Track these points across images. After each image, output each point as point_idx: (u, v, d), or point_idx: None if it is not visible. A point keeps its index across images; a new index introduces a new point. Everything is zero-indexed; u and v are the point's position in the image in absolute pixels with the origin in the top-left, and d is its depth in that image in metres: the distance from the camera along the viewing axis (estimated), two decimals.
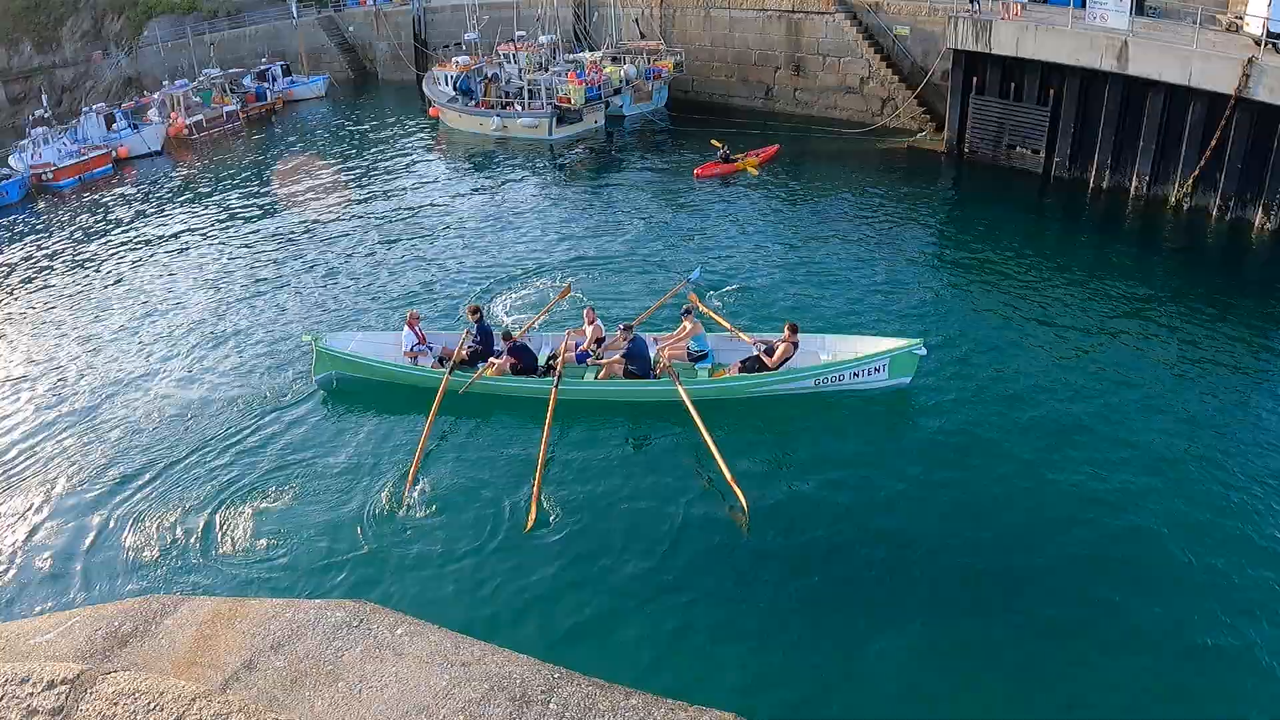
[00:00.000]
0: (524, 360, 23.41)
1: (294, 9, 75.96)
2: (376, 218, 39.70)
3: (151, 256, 37.37)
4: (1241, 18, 39.10)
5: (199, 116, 61.70)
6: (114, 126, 57.23)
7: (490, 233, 36.87)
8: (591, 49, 58.70)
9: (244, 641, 6.89)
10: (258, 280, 33.41)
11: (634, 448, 21.61)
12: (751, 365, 22.80)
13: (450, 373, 22.99)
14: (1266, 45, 35.04)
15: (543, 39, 56.90)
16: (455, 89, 55.90)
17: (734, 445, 20.12)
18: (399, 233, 37.48)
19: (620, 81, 54.35)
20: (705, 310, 25.95)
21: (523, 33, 59.52)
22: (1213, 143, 34.84)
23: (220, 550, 18.45)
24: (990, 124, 42.61)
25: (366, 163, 49.76)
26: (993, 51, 40.62)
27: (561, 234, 36.30)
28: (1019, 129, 41.65)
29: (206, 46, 74.16)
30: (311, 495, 20.03)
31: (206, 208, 43.76)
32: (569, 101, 51.49)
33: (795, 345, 22.56)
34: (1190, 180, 36.01)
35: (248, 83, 68.97)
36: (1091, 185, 39.39)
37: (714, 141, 45.00)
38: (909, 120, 48.76)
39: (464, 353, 23.82)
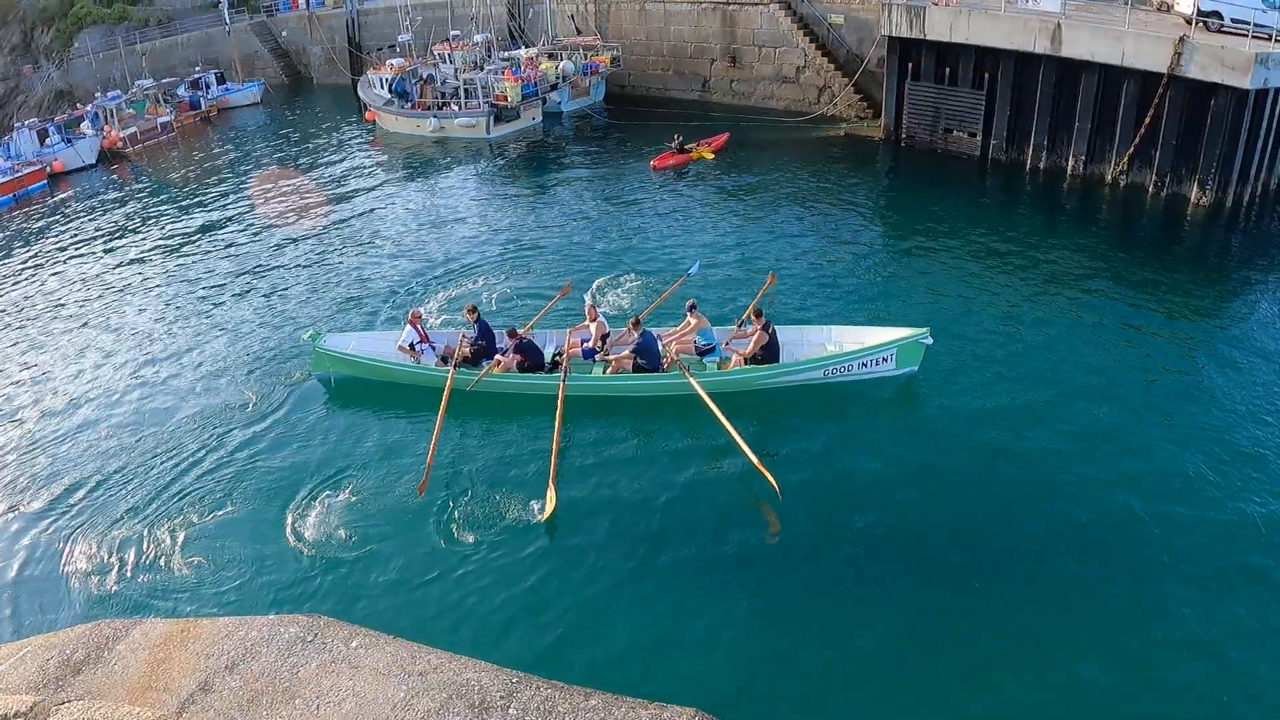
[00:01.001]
0: (531, 357, 23.09)
1: (226, 15, 74.85)
2: (319, 224, 39.07)
3: (95, 272, 36.43)
4: None
5: (133, 128, 60.53)
6: (47, 141, 55.89)
7: (440, 234, 36.42)
8: (527, 46, 58.43)
9: (198, 663, 6.85)
10: (205, 291, 32.70)
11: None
12: (758, 358, 22.55)
13: (455, 370, 22.62)
14: (1197, 24, 35.56)
15: (477, 38, 56.57)
16: (391, 91, 55.35)
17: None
18: (345, 238, 36.91)
19: (557, 77, 54.14)
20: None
21: (457, 32, 59.14)
22: (1147, 120, 35.30)
23: (170, 568, 18.00)
24: (926, 109, 42.85)
25: (306, 169, 49.00)
26: (927, 37, 40.88)
27: (519, 232, 35.93)
28: (955, 113, 41.90)
29: (138, 56, 72.92)
30: (261, 506, 19.62)
31: (147, 220, 42.85)
32: (506, 99, 51.15)
33: (767, 330, 22.36)
34: (1126, 158, 36.47)
35: (181, 92, 67.77)
36: (1029, 166, 39.79)
37: (668, 143, 44.73)
38: (846, 108, 48.91)
39: (466, 351, 23.44)
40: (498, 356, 23.12)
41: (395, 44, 62.67)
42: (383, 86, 56.20)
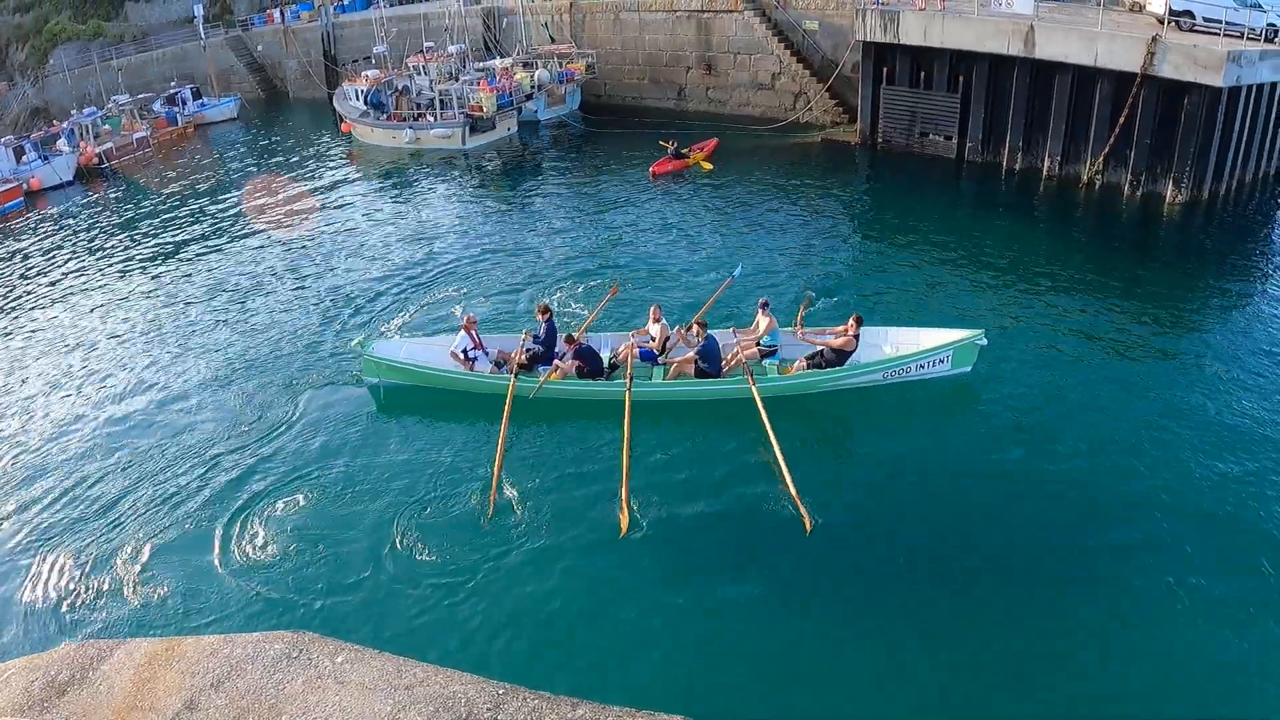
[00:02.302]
0: (590, 363, 22.54)
1: (202, 30, 74.32)
2: (299, 237, 38.52)
3: (75, 290, 35.70)
4: None
5: (109, 144, 59.98)
6: (24, 158, 55.30)
7: (421, 245, 35.84)
8: (502, 56, 58.25)
9: (183, 681, 6.90)
10: (188, 305, 32.09)
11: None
12: (819, 361, 22.26)
13: (515, 377, 21.98)
14: (1169, 23, 35.70)
15: (452, 48, 56.39)
16: (366, 103, 55.07)
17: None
18: (326, 250, 36.34)
19: (532, 87, 53.93)
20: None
21: (431, 43, 58.98)
22: (1121, 120, 35.30)
23: (154, 586, 17.54)
24: (902, 113, 42.76)
25: (283, 183, 48.43)
26: (901, 42, 40.84)
27: (501, 241, 35.45)
28: (931, 116, 41.84)
29: (114, 72, 72.39)
30: (246, 521, 19.12)
31: (126, 237, 42.18)
32: (481, 110, 50.88)
33: (856, 339, 22.06)
34: (1101, 158, 36.49)
35: (157, 108, 67.20)
36: (1005, 168, 39.76)
37: (662, 142, 44.60)
38: (822, 114, 48.73)
39: (523, 357, 22.84)
40: (555, 363, 22.48)
41: (370, 56, 62.45)
42: (358, 98, 55.94)
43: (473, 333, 23.61)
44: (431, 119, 51.81)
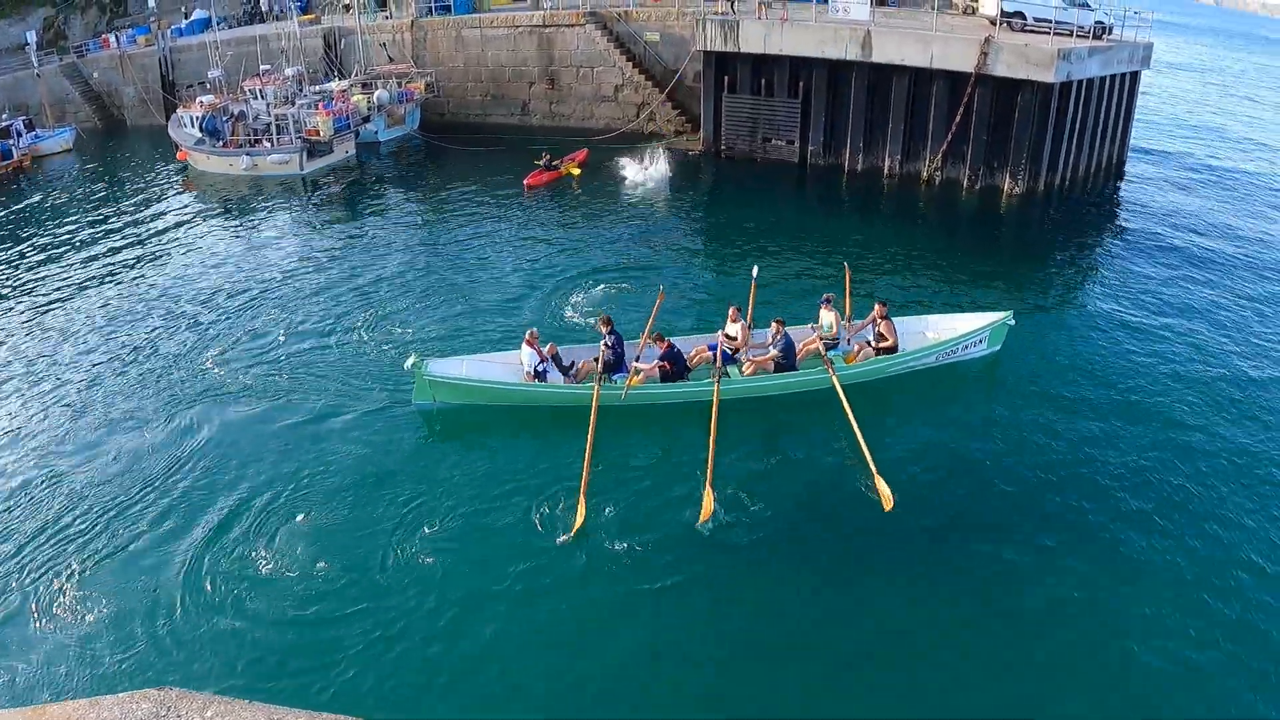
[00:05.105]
0: (676, 364, 22.16)
1: (34, 57, 71.00)
2: (134, 275, 35.73)
3: None
4: (976, 0, 40.48)
5: None
6: None
7: (260, 277, 33.55)
8: (341, 78, 56.64)
9: None
10: (39, 349, 29.31)
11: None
12: (878, 348, 23.06)
13: (599, 385, 21.23)
14: (1001, 24, 36.66)
15: (289, 71, 54.43)
16: (201, 130, 52.47)
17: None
18: (158, 291, 33.55)
19: (369, 109, 52.37)
20: None
21: (268, 66, 56.94)
22: (957, 118, 35.99)
23: (9, 653, 15.84)
24: (745, 120, 42.59)
25: (118, 218, 45.08)
26: (742, 50, 40.66)
27: (343, 268, 33.55)
28: (773, 122, 41.82)
29: None
30: (101, 576, 17.46)
31: None
32: (318, 134, 49.04)
33: (890, 320, 23.09)
34: (940, 155, 37.30)
35: None
36: (847, 169, 40.17)
37: (545, 153, 43.87)
38: (665, 123, 48.31)
39: (595, 366, 22.18)
40: (635, 365, 21.86)
41: (206, 80, 60.42)
42: (193, 125, 53.24)
43: (536, 346, 22.49)
44: (268, 144, 49.59)
